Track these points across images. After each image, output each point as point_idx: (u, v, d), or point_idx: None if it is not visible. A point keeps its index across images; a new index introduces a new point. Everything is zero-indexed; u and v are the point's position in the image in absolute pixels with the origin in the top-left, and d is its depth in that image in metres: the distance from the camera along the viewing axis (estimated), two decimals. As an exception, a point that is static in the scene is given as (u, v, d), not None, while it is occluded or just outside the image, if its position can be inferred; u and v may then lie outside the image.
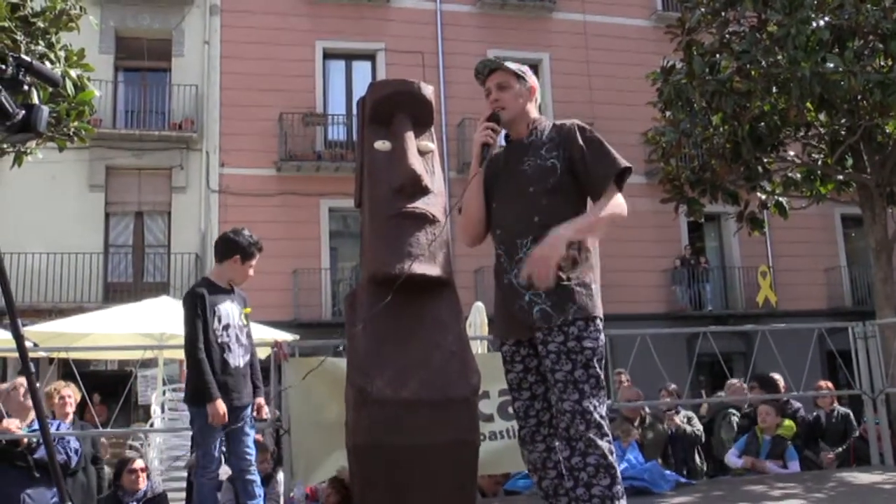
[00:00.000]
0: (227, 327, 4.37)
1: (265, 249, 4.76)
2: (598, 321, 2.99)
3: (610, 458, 2.80)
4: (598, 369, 2.91)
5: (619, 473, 2.84)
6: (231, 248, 4.54)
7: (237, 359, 4.38)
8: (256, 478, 4.45)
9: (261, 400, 4.56)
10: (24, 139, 4.22)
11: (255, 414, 4.51)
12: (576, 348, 2.90)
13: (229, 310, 4.42)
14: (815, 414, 8.11)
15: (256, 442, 4.78)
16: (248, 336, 4.57)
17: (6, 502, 5.03)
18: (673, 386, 8.39)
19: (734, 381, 8.35)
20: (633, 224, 20.09)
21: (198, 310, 4.31)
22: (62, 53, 6.60)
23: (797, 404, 8.04)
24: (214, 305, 4.36)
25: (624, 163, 3.05)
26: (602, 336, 3.00)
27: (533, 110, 3.22)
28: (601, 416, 2.85)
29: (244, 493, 4.42)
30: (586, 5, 20.72)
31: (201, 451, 4.34)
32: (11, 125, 2.44)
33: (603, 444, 2.80)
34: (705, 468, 7.93)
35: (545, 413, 3.07)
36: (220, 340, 4.32)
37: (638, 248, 18.89)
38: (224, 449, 4.46)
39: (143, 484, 6.10)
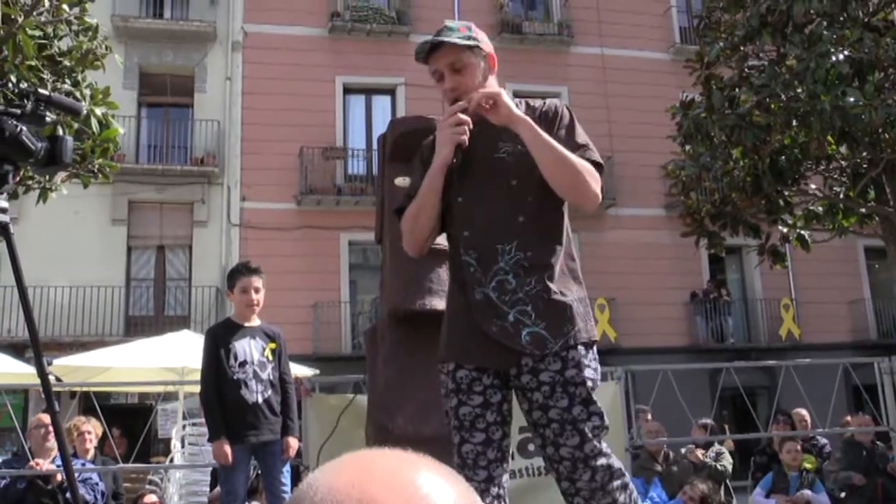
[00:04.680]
0: (243, 364, 4.36)
1: (285, 283, 4.79)
2: (595, 347, 2.50)
3: (626, 478, 2.41)
4: (598, 405, 2.40)
5: (631, 485, 2.45)
6: (227, 284, 4.65)
7: (255, 395, 4.34)
8: None
9: (290, 439, 4.44)
10: (52, 171, 4.26)
11: (284, 454, 4.43)
12: (575, 378, 2.36)
13: (246, 347, 4.42)
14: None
15: None
16: (280, 371, 4.52)
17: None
18: (703, 421, 8.30)
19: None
20: (653, 256, 20.05)
21: (209, 349, 4.37)
22: (87, 91, 6.70)
23: (823, 440, 7.91)
24: (230, 343, 4.38)
25: (597, 156, 2.52)
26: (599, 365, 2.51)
27: (495, 83, 2.61)
28: (605, 456, 2.38)
29: None
30: (604, 39, 20.84)
31: (224, 489, 4.33)
32: (36, 161, 2.46)
33: (615, 483, 2.37)
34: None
35: (497, 466, 2.45)
36: (235, 377, 4.32)
37: (659, 281, 18.79)
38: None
39: None
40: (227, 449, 4.17)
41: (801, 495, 6.77)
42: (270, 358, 4.49)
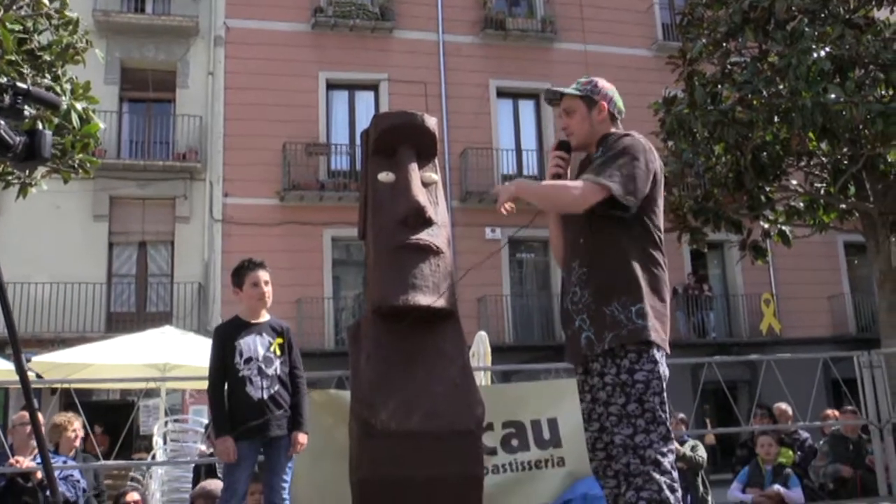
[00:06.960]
0: (248, 361, 4.33)
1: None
2: (652, 351, 2.85)
3: (665, 492, 2.70)
4: (653, 403, 2.80)
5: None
6: (232, 283, 4.60)
7: (260, 391, 4.30)
8: None
9: (299, 435, 4.38)
10: (31, 166, 4.23)
11: (290, 450, 4.39)
12: (628, 381, 2.81)
13: (251, 343, 4.39)
14: (822, 442, 8.05)
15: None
16: (290, 366, 4.47)
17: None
18: (681, 415, 8.36)
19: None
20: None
21: (215, 347, 4.36)
22: (68, 86, 6.65)
23: (805, 434, 7.97)
24: (235, 340, 4.35)
25: (616, 189, 2.84)
26: (659, 367, 2.85)
27: (607, 126, 3.17)
28: (659, 453, 2.75)
29: None
30: (587, 35, 20.88)
31: (224, 484, 4.33)
32: (14, 155, 2.43)
33: (660, 478, 2.71)
34: (709, 498, 7.84)
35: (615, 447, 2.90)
36: (240, 374, 4.30)
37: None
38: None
39: None
40: (230, 445, 4.16)
41: (772, 490, 6.83)
42: (278, 353, 4.43)
